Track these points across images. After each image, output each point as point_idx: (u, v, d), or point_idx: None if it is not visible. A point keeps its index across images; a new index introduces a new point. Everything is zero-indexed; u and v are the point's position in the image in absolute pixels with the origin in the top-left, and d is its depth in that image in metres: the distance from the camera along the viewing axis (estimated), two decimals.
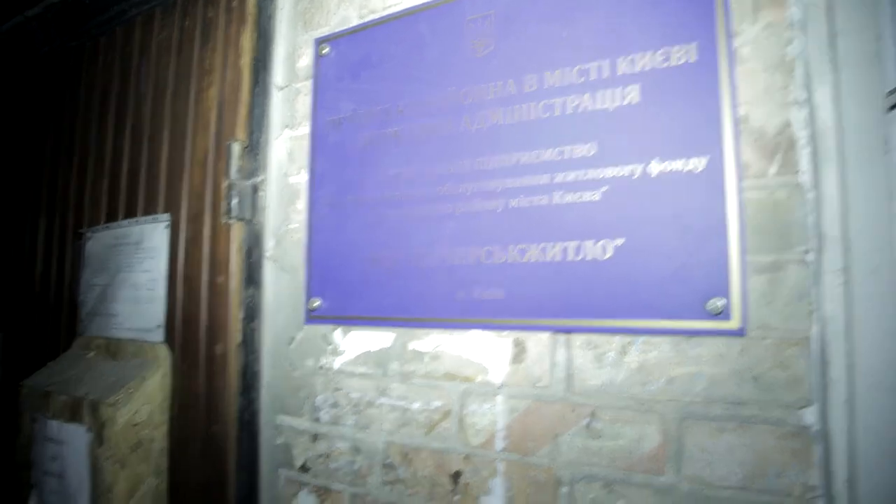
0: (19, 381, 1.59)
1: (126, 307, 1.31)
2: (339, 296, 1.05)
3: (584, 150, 0.85)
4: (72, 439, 1.19)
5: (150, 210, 1.32)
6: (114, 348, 1.32)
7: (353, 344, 1.04)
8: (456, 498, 0.92)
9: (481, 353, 0.92)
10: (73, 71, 1.62)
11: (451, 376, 0.94)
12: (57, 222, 1.60)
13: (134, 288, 1.29)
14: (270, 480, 1.11)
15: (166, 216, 1.27)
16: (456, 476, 0.92)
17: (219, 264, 1.18)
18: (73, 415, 1.20)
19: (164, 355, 1.22)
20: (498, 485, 0.89)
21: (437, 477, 0.94)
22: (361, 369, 1.03)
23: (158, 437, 1.20)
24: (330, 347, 1.06)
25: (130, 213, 1.37)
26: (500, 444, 0.89)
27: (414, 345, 0.98)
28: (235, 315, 1.15)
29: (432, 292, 0.95)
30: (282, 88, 1.19)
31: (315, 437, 1.06)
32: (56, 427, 1.23)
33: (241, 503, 1.11)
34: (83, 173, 1.54)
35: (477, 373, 0.92)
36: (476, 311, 0.91)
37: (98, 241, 1.42)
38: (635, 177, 0.81)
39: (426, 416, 0.96)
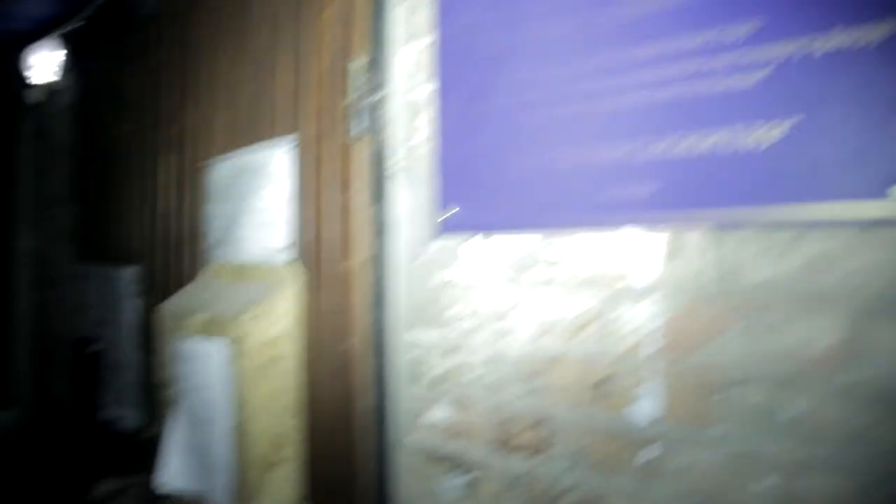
0: (155, 307, 1.68)
1: (253, 231, 1.34)
2: (472, 205, 1.03)
3: (747, 27, 0.77)
4: (209, 355, 1.24)
5: (272, 135, 1.33)
6: (243, 272, 1.36)
7: (488, 253, 1.01)
8: (601, 406, 0.89)
9: (630, 252, 0.87)
10: (187, 9, 1.65)
11: (595, 280, 0.90)
12: (180, 158, 1.66)
13: (260, 212, 1.32)
14: (401, 395, 1.12)
15: (290, 138, 1.28)
16: (601, 384, 0.89)
17: (345, 182, 1.18)
18: (211, 332, 1.24)
19: (293, 274, 1.24)
20: (648, 391, 0.85)
21: (581, 385, 0.91)
22: (496, 279, 1.00)
23: (292, 352, 1.23)
24: (462, 259, 1.04)
25: (252, 140, 1.39)
26: (650, 348, 0.85)
27: (555, 249, 0.94)
28: (363, 231, 1.15)
29: (575, 193, 0.91)
30: (402, 0, 1.16)
31: (447, 351, 1.06)
32: (193, 345, 1.28)
33: (373, 418, 1.13)
34: (203, 109, 1.58)
35: (625, 274, 0.87)
36: (624, 208, 0.86)
37: (220, 171, 1.46)
38: (808, 52, 0.73)
39: (568, 323, 0.92)
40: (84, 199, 2.32)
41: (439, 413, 1.07)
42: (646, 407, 0.85)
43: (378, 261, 1.13)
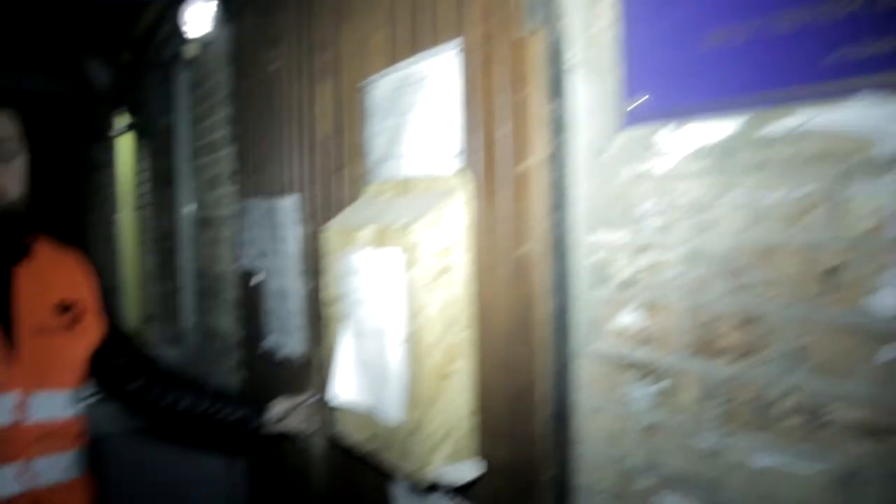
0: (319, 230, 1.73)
1: (418, 144, 1.32)
2: (664, 91, 0.94)
3: None
4: (379, 267, 1.25)
5: (433, 43, 1.30)
6: (409, 185, 1.35)
7: (685, 140, 0.93)
8: (830, 299, 0.79)
9: (866, 121, 0.75)
10: None
11: (822, 156, 0.79)
12: (336, 83, 1.67)
13: (425, 123, 1.30)
14: (584, 301, 1.07)
15: (454, 43, 1.24)
16: (830, 274, 0.79)
17: (518, 81, 1.13)
18: (380, 244, 1.25)
19: (463, 182, 1.22)
20: (892, 279, 0.74)
21: (804, 276, 0.81)
22: (696, 167, 0.92)
23: (464, 261, 1.21)
24: (654, 149, 0.96)
25: (412, 52, 1.36)
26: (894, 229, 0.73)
27: (769, 127, 0.84)
28: (540, 131, 1.10)
29: (794, 58, 0.80)
30: None
31: (638, 250, 0.99)
32: (362, 259, 1.29)
33: (552, 326, 1.09)
34: (359, 30, 1.58)
35: (860, 147, 0.76)
36: (859, 70, 0.75)
37: (381, 88, 1.45)
38: None
39: (787, 209, 0.82)
40: (242, 140, 2.43)
41: (627, 318, 1.01)
42: (889, 297, 0.74)
43: (557, 160, 1.08)
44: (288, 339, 2.01)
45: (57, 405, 1.33)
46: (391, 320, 1.24)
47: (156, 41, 4.00)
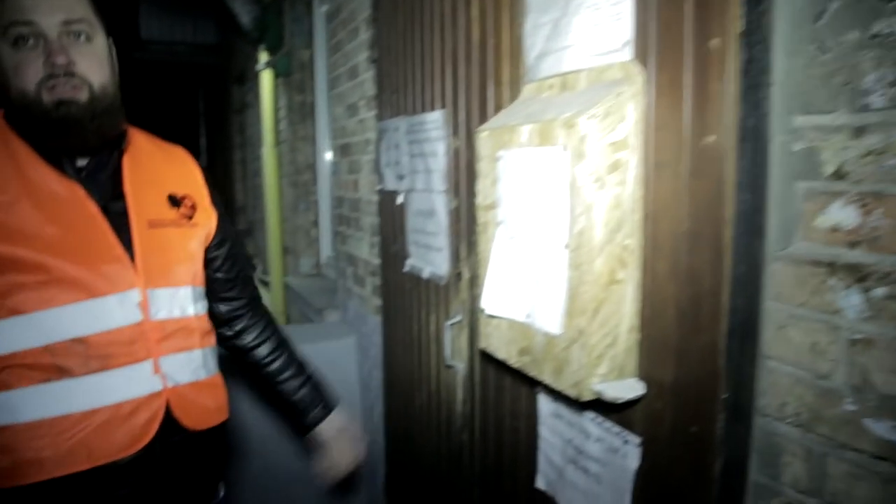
0: (469, 138, 1.67)
1: (583, 32, 1.21)
2: None
3: None
4: (540, 166, 1.17)
5: None
6: (570, 82, 1.25)
7: None
8: None
9: None
10: None
11: None
12: None
13: (591, 10, 1.19)
14: (783, 196, 0.94)
15: None
16: None
17: None
18: (541, 141, 1.17)
19: (635, 73, 1.10)
20: None
21: None
22: None
23: (634, 160, 1.11)
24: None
25: None
26: None
27: None
28: (726, 7, 0.96)
29: None
30: None
31: (858, 132, 0.84)
32: (526, 155, 1.22)
33: (743, 223, 0.97)
34: None
35: None
36: None
37: None
38: None
39: None
40: (382, 62, 2.41)
41: (838, 214, 0.87)
42: None
43: (754, 34, 0.94)
44: (433, 258, 2.00)
45: (179, 302, 1.28)
46: (551, 224, 1.17)
47: None
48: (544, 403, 1.48)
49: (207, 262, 1.42)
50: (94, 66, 1.14)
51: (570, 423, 1.39)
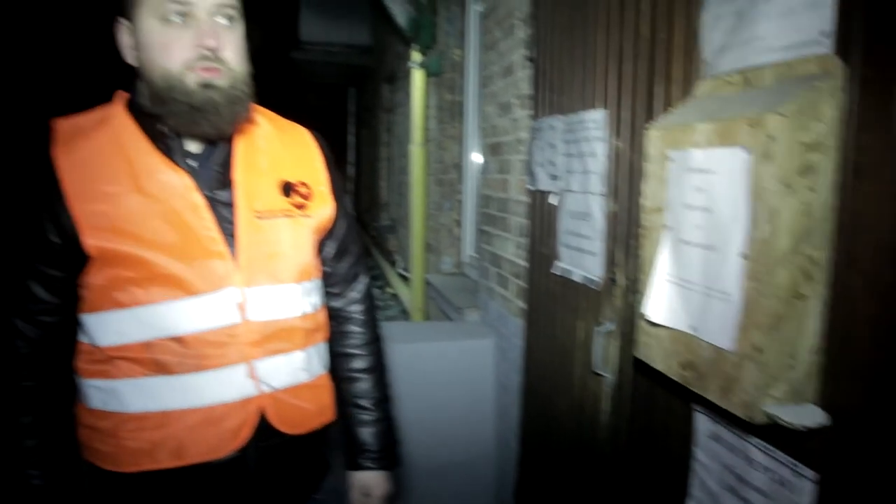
0: (633, 142, 1.62)
1: (772, 24, 1.13)
2: None
3: None
4: (722, 165, 1.10)
5: None
6: (754, 77, 1.17)
7: None
8: None
9: None
10: None
11: None
12: None
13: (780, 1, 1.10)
14: None
15: None
16: None
17: None
18: (724, 138, 1.10)
19: (834, 67, 1.01)
20: None
21: None
22: None
23: (829, 163, 1.01)
24: None
25: None
26: None
27: None
28: None
29: None
30: None
31: None
32: (700, 156, 1.16)
33: None
34: None
35: None
36: None
37: None
38: None
39: None
40: (540, 60, 2.39)
41: None
42: None
43: None
44: (585, 262, 1.95)
45: (281, 302, 1.22)
46: (727, 230, 1.10)
47: None
48: (702, 423, 1.39)
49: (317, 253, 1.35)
50: (236, 51, 1.13)
51: (731, 447, 1.30)
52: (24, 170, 1.18)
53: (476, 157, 4.20)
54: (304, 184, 1.28)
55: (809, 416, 1.05)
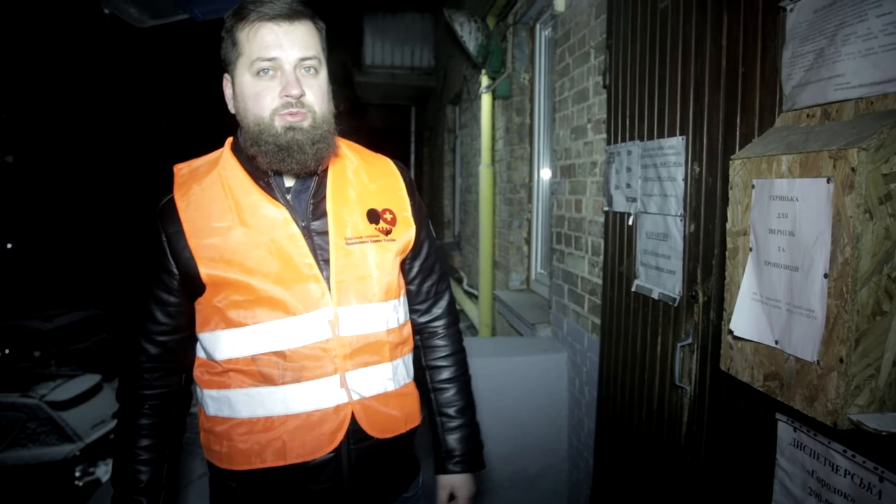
0: (711, 170, 1.72)
1: (852, 63, 1.24)
2: None
3: None
4: (806, 194, 1.21)
5: None
6: (834, 112, 1.28)
7: None
8: None
9: None
10: None
11: None
12: (750, 6, 1.63)
13: (865, 38, 1.21)
14: None
15: None
16: None
17: None
18: (807, 169, 1.21)
19: None
20: None
21: None
22: None
23: None
24: None
25: None
26: None
27: None
28: None
29: None
30: None
31: None
32: (784, 185, 1.27)
33: None
34: None
35: None
36: None
37: (804, 7, 1.38)
38: None
39: None
40: (615, 86, 2.51)
41: None
42: None
43: None
44: (664, 280, 2.06)
45: (368, 319, 1.33)
46: (810, 252, 1.20)
47: (519, 3, 4.30)
48: (784, 431, 1.48)
49: (402, 273, 1.47)
50: (318, 96, 1.25)
51: (813, 453, 1.39)
52: (149, 209, 1.33)
53: (546, 178, 4.33)
54: (389, 210, 1.40)
55: (893, 422, 1.14)
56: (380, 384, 1.36)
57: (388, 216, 1.39)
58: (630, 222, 2.33)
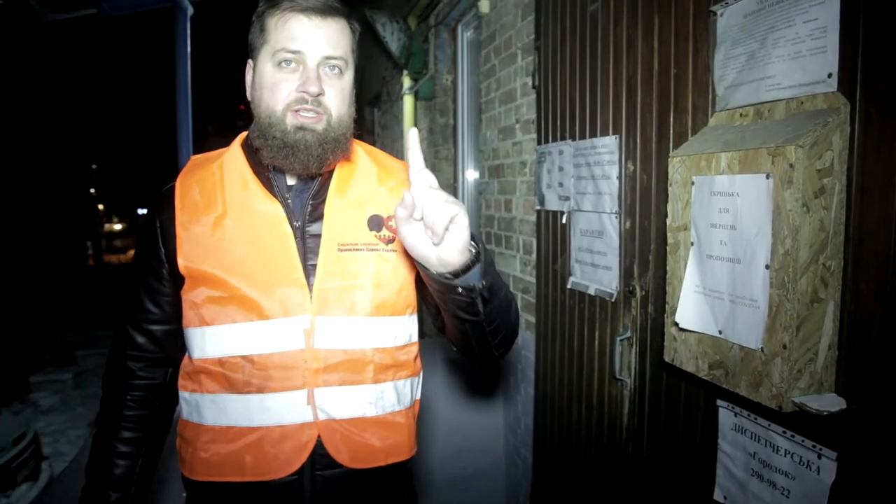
0: (645, 168, 1.79)
1: (782, 65, 1.32)
2: None
3: None
4: (746, 189, 1.27)
5: None
6: (766, 111, 1.35)
7: None
8: None
9: None
10: None
11: None
12: (681, 9, 1.70)
13: (793, 42, 1.29)
14: None
15: None
16: None
17: None
18: (746, 166, 1.28)
19: (840, 103, 1.19)
20: None
21: None
22: None
23: (837, 186, 1.20)
24: None
25: None
26: None
27: None
28: None
29: None
30: None
31: None
32: (725, 181, 1.33)
33: None
34: None
35: None
36: None
37: (734, 12, 1.45)
38: None
39: None
40: (545, 87, 2.57)
41: None
42: None
43: None
44: (600, 276, 2.12)
45: (351, 333, 1.23)
46: (751, 244, 1.27)
47: (441, 4, 4.33)
48: (725, 417, 1.56)
49: (419, 283, 1.32)
50: (338, 98, 1.20)
51: (754, 436, 1.47)
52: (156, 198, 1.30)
53: (471, 178, 4.37)
54: (391, 219, 1.28)
55: (833, 402, 1.22)
56: (356, 407, 1.24)
57: (393, 224, 1.26)
58: (563, 220, 2.38)
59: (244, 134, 1.34)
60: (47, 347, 9.16)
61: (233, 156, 1.31)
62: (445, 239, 0.97)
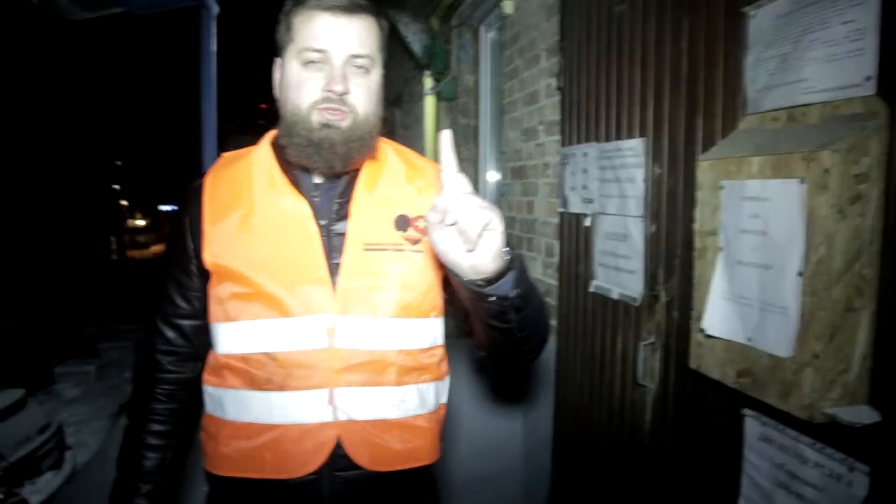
0: (671, 171, 1.76)
1: (817, 68, 1.28)
2: None
3: None
4: (778, 195, 1.24)
5: None
6: (799, 115, 1.32)
7: None
8: None
9: None
10: None
11: None
12: (711, 10, 1.67)
13: (829, 44, 1.25)
14: None
15: None
16: None
17: None
18: (779, 170, 1.25)
19: (877, 108, 1.16)
20: None
21: None
22: None
23: (875, 193, 1.16)
24: None
25: None
26: None
27: None
28: None
29: None
30: None
31: None
32: (756, 186, 1.30)
33: None
34: None
35: None
36: None
37: (766, 13, 1.42)
38: None
39: None
40: (569, 89, 2.54)
41: None
42: None
43: None
44: (624, 280, 2.09)
45: (374, 333, 1.22)
46: (783, 251, 1.24)
47: (464, 5, 4.31)
48: (751, 426, 1.53)
49: (446, 286, 1.29)
50: (364, 97, 1.19)
51: (782, 447, 1.43)
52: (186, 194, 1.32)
53: (492, 179, 4.35)
54: (419, 218, 1.25)
55: (864, 414, 1.19)
56: (377, 409, 1.22)
57: (420, 224, 1.24)
58: (587, 223, 2.36)
59: (274, 132, 1.33)
60: (71, 340, 9.29)
61: (262, 153, 1.30)
62: (479, 245, 0.93)
